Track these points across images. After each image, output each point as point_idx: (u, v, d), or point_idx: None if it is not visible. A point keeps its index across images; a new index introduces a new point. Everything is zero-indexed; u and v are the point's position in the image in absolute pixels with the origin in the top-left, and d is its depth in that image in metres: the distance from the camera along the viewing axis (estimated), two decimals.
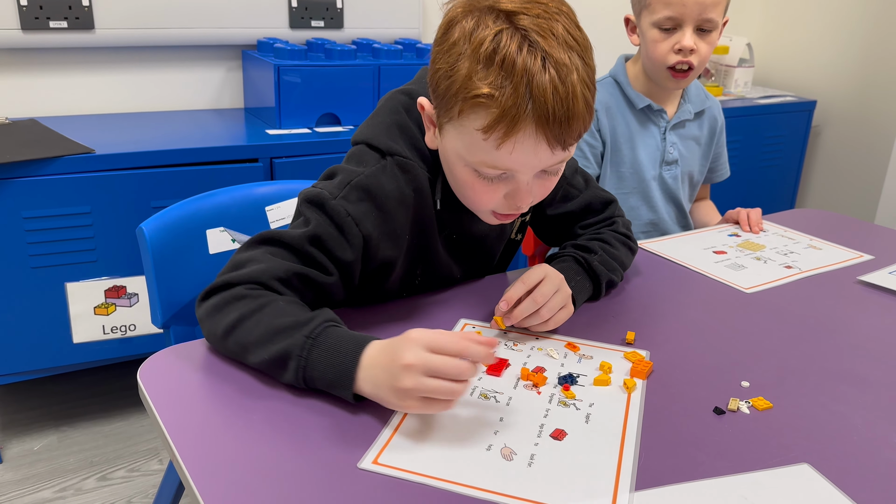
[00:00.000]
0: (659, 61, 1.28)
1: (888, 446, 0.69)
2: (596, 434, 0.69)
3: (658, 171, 1.38)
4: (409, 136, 0.87)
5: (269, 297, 0.77)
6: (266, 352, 0.73)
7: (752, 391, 0.77)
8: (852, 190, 2.83)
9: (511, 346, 0.85)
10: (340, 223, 0.82)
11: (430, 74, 0.79)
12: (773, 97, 2.70)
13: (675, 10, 1.23)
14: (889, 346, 0.90)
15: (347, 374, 0.69)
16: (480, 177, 0.80)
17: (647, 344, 0.86)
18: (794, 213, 1.42)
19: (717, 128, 1.45)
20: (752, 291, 1.03)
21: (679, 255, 1.16)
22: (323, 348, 0.71)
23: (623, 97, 1.37)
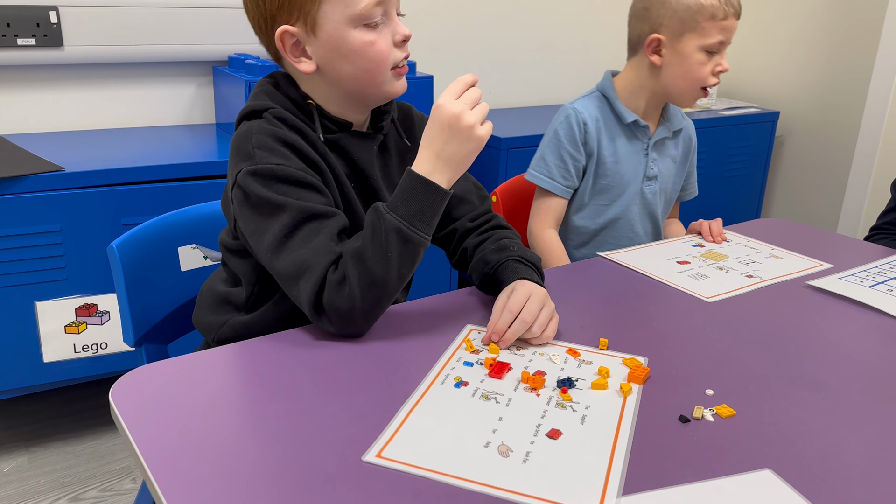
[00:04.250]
0: (700, 82, 1.33)
1: (846, 450, 0.72)
2: (590, 435, 0.72)
3: (640, 186, 1.42)
4: (278, 100, 0.94)
5: (345, 252, 0.85)
6: (390, 255, 0.83)
7: (716, 399, 0.79)
8: (816, 199, 2.90)
9: (514, 351, 0.88)
10: (288, 175, 0.87)
11: None
12: (738, 109, 2.76)
13: (726, 35, 1.31)
14: (845, 351, 0.93)
15: (428, 186, 0.85)
16: (370, 29, 0.90)
17: (616, 351, 0.88)
18: (757, 223, 1.46)
19: (690, 147, 1.51)
20: (714, 300, 1.06)
21: (643, 266, 1.18)
22: (400, 203, 0.84)
23: (611, 111, 1.41)
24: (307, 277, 0.84)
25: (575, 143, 1.38)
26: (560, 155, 1.39)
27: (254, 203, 0.88)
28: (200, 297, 1.08)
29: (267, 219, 0.87)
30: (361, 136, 0.99)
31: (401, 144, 1.05)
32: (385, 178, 1.02)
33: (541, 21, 2.63)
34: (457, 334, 0.92)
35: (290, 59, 0.92)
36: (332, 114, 0.96)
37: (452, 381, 0.80)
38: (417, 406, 0.75)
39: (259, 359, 0.84)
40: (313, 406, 0.75)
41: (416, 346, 0.88)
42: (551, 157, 1.40)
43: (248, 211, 0.89)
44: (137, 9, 1.89)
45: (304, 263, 0.85)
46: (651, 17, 1.34)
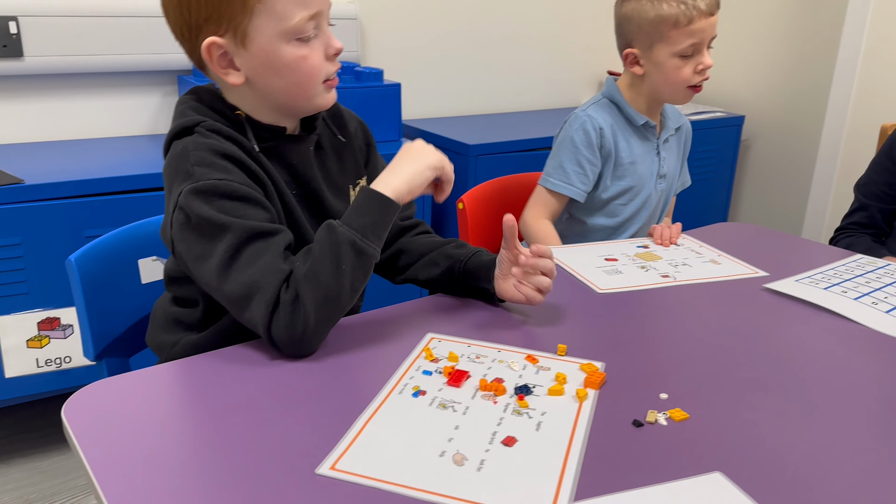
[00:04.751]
0: (682, 84, 1.37)
1: (795, 451, 0.73)
2: (544, 441, 0.72)
3: (653, 184, 1.48)
4: (205, 113, 0.93)
5: (296, 270, 0.84)
6: (344, 268, 0.83)
7: (671, 403, 0.81)
8: (781, 201, 2.95)
9: (473, 359, 0.88)
10: (231, 190, 0.86)
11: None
12: (704, 113, 2.80)
13: (697, 37, 1.33)
14: (799, 352, 0.95)
15: (379, 198, 0.86)
16: (303, 43, 0.90)
17: (574, 356, 0.89)
18: (719, 227, 1.49)
19: (688, 141, 1.58)
20: (604, 292, 1.10)
21: (565, 258, 1.22)
22: (352, 217, 0.86)
23: (622, 115, 1.45)
24: (258, 299, 0.83)
25: (591, 148, 1.42)
26: (578, 161, 1.43)
27: (195, 225, 0.85)
28: (153, 316, 1.07)
29: (210, 241, 0.85)
30: (296, 139, 0.99)
31: (335, 141, 1.05)
32: (325, 178, 1.02)
33: (508, 29, 2.65)
34: (417, 343, 0.92)
35: (218, 70, 0.91)
36: (263, 122, 0.95)
37: (411, 391, 0.80)
38: (374, 417, 0.75)
39: (214, 373, 0.84)
40: (269, 419, 0.74)
41: (375, 356, 0.88)
42: (569, 164, 1.44)
43: (190, 234, 0.86)
44: (100, 18, 1.87)
45: (254, 285, 0.83)
46: (624, 34, 1.40)
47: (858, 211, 1.55)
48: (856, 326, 1.03)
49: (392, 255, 1.12)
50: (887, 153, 1.50)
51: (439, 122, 2.49)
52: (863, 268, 1.26)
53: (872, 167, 1.54)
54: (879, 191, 1.50)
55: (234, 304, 0.86)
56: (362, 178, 1.08)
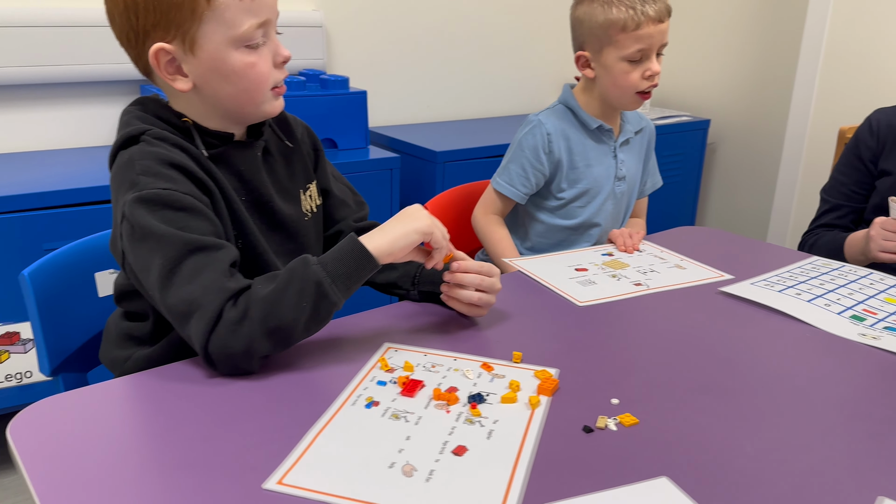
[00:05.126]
0: (630, 89, 1.38)
1: (742, 454, 0.74)
2: (495, 449, 0.73)
3: (612, 187, 1.49)
4: (151, 122, 0.93)
5: (253, 291, 0.83)
6: (304, 305, 0.82)
7: (621, 408, 0.81)
8: (748, 204, 3.00)
9: (429, 368, 0.88)
10: (175, 200, 0.85)
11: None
12: (670, 117, 2.83)
13: (645, 43, 1.34)
14: (749, 356, 0.96)
15: (361, 250, 0.86)
16: (251, 51, 0.90)
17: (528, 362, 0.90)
18: (679, 231, 1.50)
19: (652, 142, 1.59)
20: (584, 305, 1.10)
21: (537, 271, 1.22)
22: (330, 260, 0.85)
23: (576, 120, 1.47)
24: (198, 317, 0.82)
25: (537, 153, 1.44)
26: (522, 164, 1.45)
27: (139, 236, 0.85)
28: (106, 332, 1.06)
29: (151, 252, 0.84)
30: (243, 146, 0.98)
31: (283, 147, 1.05)
32: (275, 184, 1.02)
33: (476, 36, 2.66)
34: (373, 353, 0.92)
35: (165, 76, 0.90)
36: (210, 128, 0.95)
37: (364, 402, 0.80)
38: (325, 430, 0.75)
39: (164, 388, 0.83)
40: (218, 434, 0.74)
41: (330, 367, 0.88)
42: (514, 166, 1.47)
43: (135, 245, 0.85)
44: (58, 28, 1.85)
45: (194, 302, 0.82)
46: (576, 37, 1.43)
47: (829, 212, 1.54)
48: (808, 328, 1.05)
49: None
50: (853, 152, 1.51)
51: (407, 128, 2.49)
52: (818, 270, 1.28)
53: (838, 169, 1.55)
54: (850, 191, 1.50)
55: (175, 319, 0.85)
56: (312, 183, 1.09)
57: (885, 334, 1.03)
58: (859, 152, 1.49)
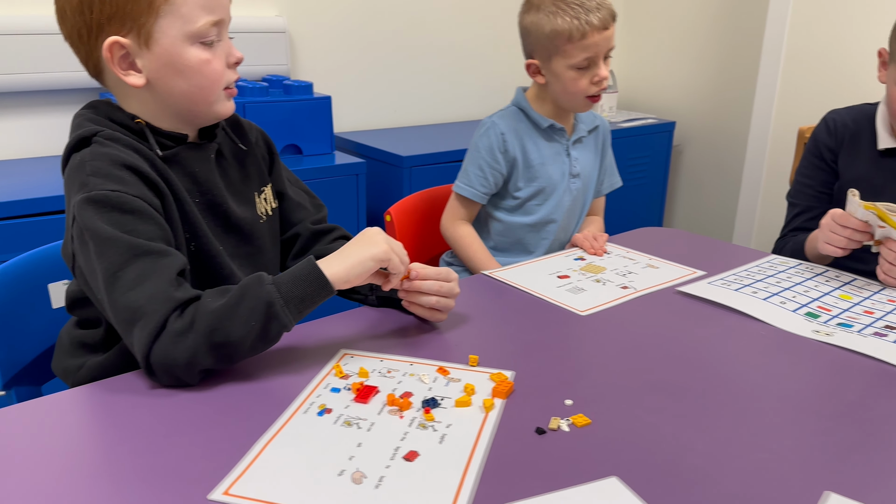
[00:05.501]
0: (580, 94, 1.42)
1: (692, 452, 0.75)
2: (446, 454, 0.72)
3: (567, 184, 1.51)
4: (103, 124, 0.92)
5: (203, 303, 0.82)
6: (253, 324, 0.81)
7: (575, 409, 0.82)
8: (714, 205, 3.04)
9: (384, 374, 0.88)
10: (123, 203, 0.84)
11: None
12: (637, 120, 2.86)
13: (591, 51, 1.37)
14: (704, 354, 0.97)
15: (318, 275, 0.85)
16: (206, 48, 0.90)
17: (485, 366, 0.90)
18: (638, 233, 1.52)
19: (606, 141, 1.61)
20: (588, 313, 1.09)
21: (524, 282, 1.21)
22: (285, 281, 0.84)
23: (528, 121, 1.49)
24: (141, 325, 0.80)
25: (493, 152, 1.46)
26: (479, 165, 1.48)
27: (86, 238, 0.84)
28: (59, 342, 1.04)
29: (97, 255, 0.83)
30: (197, 147, 0.98)
31: (236, 150, 1.05)
32: (228, 186, 1.01)
33: (440, 40, 2.66)
34: (329, 360, 0.91)
35: (118, 71, 0.89)
36: (164, 129, 0.94)
37: (316, 410, 0.80)
38: (275, 438, 0.74)
39: (114, 399, 0.82)
40: (166, 445, 0.73)
41: (284, 375, 0.87)
42: (471, 168, 1.49)
43: (83, 247, 0.85)
44: (14, 36, 1.81)
45: (139, 310, 0.81)
46: (526, 45, 1.45)
47: (799, 216, 1.54)
48: (763, 326, 1.06)
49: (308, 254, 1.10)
50: (813, 153, 1.52)
51: (373, 133, 2.48)
52: (775, 268, 1.30)
53: (801, 172, 1.56)
54: (816, 192, 1.51)
55: (118, 325, 0.84)
56: (267, 186, 1.08)
57: (838, 331, 1.05)
58: (819, 153, 1.51)
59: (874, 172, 1.42)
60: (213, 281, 0.96)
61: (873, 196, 1.42)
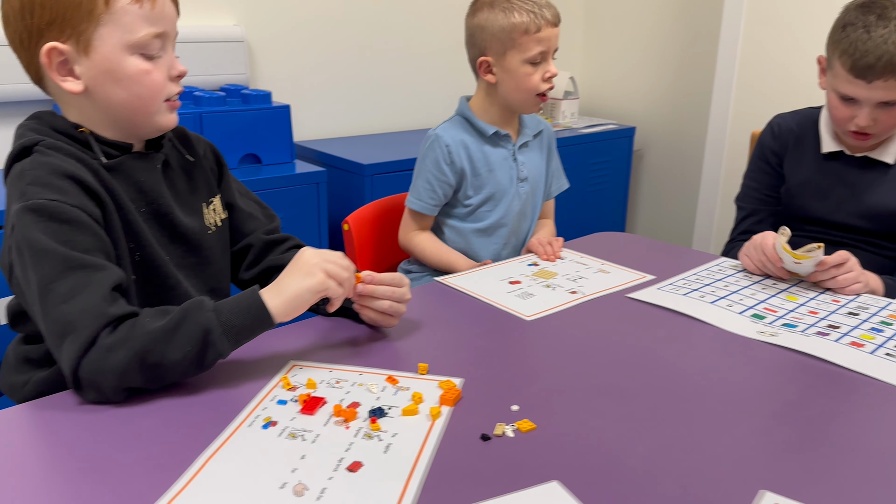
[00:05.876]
0: (533, 90, 1.43)
1: (633, 455, 0.76)
2: (390, 464, 0.72)
3: (515, 189, 1.53)
4: (46, 133, 0.91)
5: (140, 322, 0.81)
6: (189, 349, 0.81)
7: (521, 414, 0.82)
8: (674, 209, 3.08)
9: (333, 384, 0.88)
10: (61, 213, 0.83)
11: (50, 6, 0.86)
12: (597, 125, 2.89)
13: (545, 45, 1.41)
14: (650, 357, 0.98)
15: (260, 307, 0.85)
16: (147, 59, 0.90)
17: (435, 373, 0.90)
18: (593, 238, 1.53)
19: (551, 145, 1.63)
20: (533, 318, 1.10)
21: (475, 288, 1.22)
22: (226, 310, 0.84)
23: (473, 130, 1.50)
24: (71, 340, 0.79)
25: (439, 165, 1.48)
26: (427, 178, 1.49)
27: (23, 248, 0.83)
28: (4, 359, 1.02)
29: (32, 266, 0.82)
30: (143, 157, 0.98)
31: (184, 161, 1.05)
32: (176, 196, 1.01)
33: (400, 47, 2.67)
34: (277, 372, 0.91)
35: (56, 77, 0.89)
36: (108, 138, 0.94)
37: (261, 423, 0.79)
38: (218, 452, 0.74)
39: (56, 415, 0.80)
40: (108, 461, 0.72)
41: (231, 387, 0.87)
42: (420, 181, 1.51)
43: (19, 256, 0.84)
44: None
45: (70, 324, 0.80)
46: (477, 42, 1.45)
47: (746, 219, 1.57)
48: (710, 328, 1.08)
49: (261, 272, 1.11)
50: (760, 158, 1.56)
51: (334, 142, 2.48)
52: (724, 272, 1.33)
53: (748, 176, 1.59)
54: (763, 196, 1.54)
55: (49, 338, 0.83)
56: (216, 197, 1.08)
57: (782, 331, 1.07)
58: (765, 157, 1.54)
59: (818, 176, 1.46)
60: (159, 291, 0.96)
61: (820, 197, 1.46)
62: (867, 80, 1.26)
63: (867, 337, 1.06)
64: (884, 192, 1.40)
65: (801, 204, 1.48)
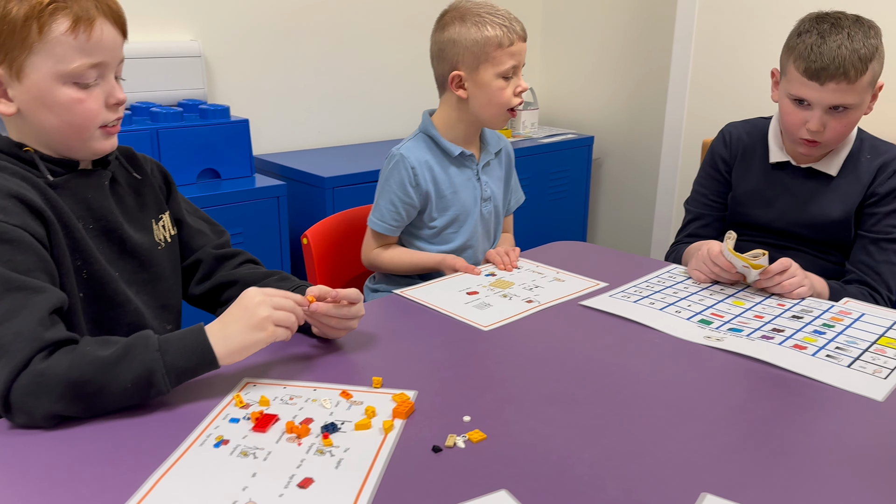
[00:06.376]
0: (505, 105, 1.43)
1: (580, 462, 0.78)
2: (341, 479, 0.73)
3: (479, 209, 1.53)
4: None
5: (81, 351, 0.81)
6: (129, 387, 0.81)
7: (472, 425, 0.84)
8: (633, 217, 3.14)
9: (286, 401, 0.88)
10: (2, 233, 0.83)
11: None
12: (557, 135, 2.94)
13: (517, 59, 1.41)
14: (600, 364, 1.01)
15: (206, 350, 0.86)
16: (80, 87, 0.90)
17: (389, 386, 0.91)
18: (551, 247, 1.56)
19: (511, 162, 1.64)
20: (490, 329, 1.12)
21: (432, 299, 1.23)
22: (172, 350, 0.84)
23: (438, 149, 1.49)
24: (3, 363, 0.79)
25: (404, 187, 1.46)
26: (390, 199, 1.47)
27: None
28: None
29: None
30: (89, 174, 0.98)
31: (131, 178, 1.05)
32: (124, 213, 1.02)
33: (360, 61, 2.68)
34: (231, 390, 0.91)
35: None
36: (53, 156, 0.94)
37: (213, 442, 0.79)
38: (169, 472, 0.74)
39: (5, 439, 0.80)
40: (57, 484, 0.72)
41: (182, 407, 0.87)
42: (383, 202, 1.48)
43: None
44: None
45: (2, 347, 0.79)
46: (448, 57, 1.44)
47: (693, 222, 1.63)
48: (659, 335, 1.11)
49: (213, 288, 1.12)
50: (710, 164, 1.61)
51: (294, 155, 2.48)
52: (674, 278, 1.36)
53: (698, 181, 1.65)
54: (710, 201, 1.60)
55: None
56: (165, 213, 1.09)
57: (728, 335, 1.10)
58: (715, 164, 1.59)
59: (765, 185, 1.50)
60: (108, 308, 0.96)
61: (765, 206, 1.51)
62: (820, 81, 1.31)
63: (810, 339, 1.10)
64: (826, 203, 1.45)
65: (746, 211, 1.53)
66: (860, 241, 1.44)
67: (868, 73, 1.30)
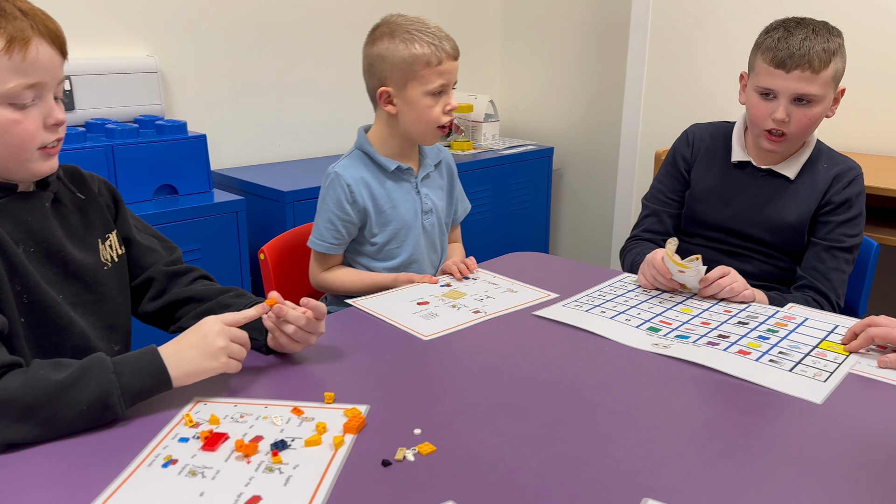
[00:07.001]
0: (433, 122, 1.43)
1: (527, 471, 0.79)
2: (289, 496, 0.74)
3: (420, 222, 1.52)
4: None
5: (33, 375, 0.82)
6: (84, 409, 0.82)
7: (422, 437, 0.85)
8: (592, 226, 3.19)
9: (237, 419, 0.88)
10: None
11: None
12: (518, 146, 2.97)
13: (446, 78, 1.41)
14: (550, 374, 1.03)
15: (161, 371, 0.88)
16: (16, 108, 0.89)
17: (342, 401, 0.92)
18: (509, 258, 1.58)
19: (453, 173, 1.63)
20: (431, 338, 1.13)
21: (383, 310, 1.24)
22: (127, 371, 0.86)
23: (374, 165, 1.48)
24: None
25: (341, 204, 1.45)
26: (328, 218, 1.46)
27: None
28: None
29: None
30: (29, 196, 0.97)
31: (75, 198, 1.05)
32: (69, 234, 1.01)
33: (319, 74, 2.69)
34: (181, 409, 0.91)
35: None
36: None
37: (161, 462, 0.79)
38: (115, 494, 0.73)
39: None
40: None
41: (130, 427, 0.86)
42: (321, 221, 1.47)
43: None
44: None
45: None
46: (377, 72, 1.43)
47: (649, 217, 1.66)
48: (608, 342, 1.13)
49: (166, 305, 1.12)
50: (671, 162, 1.64)
51: (253, 169, 2.47)
52: (625, 287, 1.39)
53: (658, 178, 1.68)
54: (667, 198, 1.63)
55: None
56: (112, 233, 1.08)
57: (675, 342, 1.13)
58: (676, 162, 1.63)
59: (723, 184, 1.54)
60: (51, 332, 0.95)
61: (721, 205, 1.54)
62: (786, 69, 1.36)
63: (753, 345, 1.13)
64: (782, 206, 1.49)
65: (704, 209, 1.56)
66: (813, 248, 1.48)
67: (831, 68, 1.36)
